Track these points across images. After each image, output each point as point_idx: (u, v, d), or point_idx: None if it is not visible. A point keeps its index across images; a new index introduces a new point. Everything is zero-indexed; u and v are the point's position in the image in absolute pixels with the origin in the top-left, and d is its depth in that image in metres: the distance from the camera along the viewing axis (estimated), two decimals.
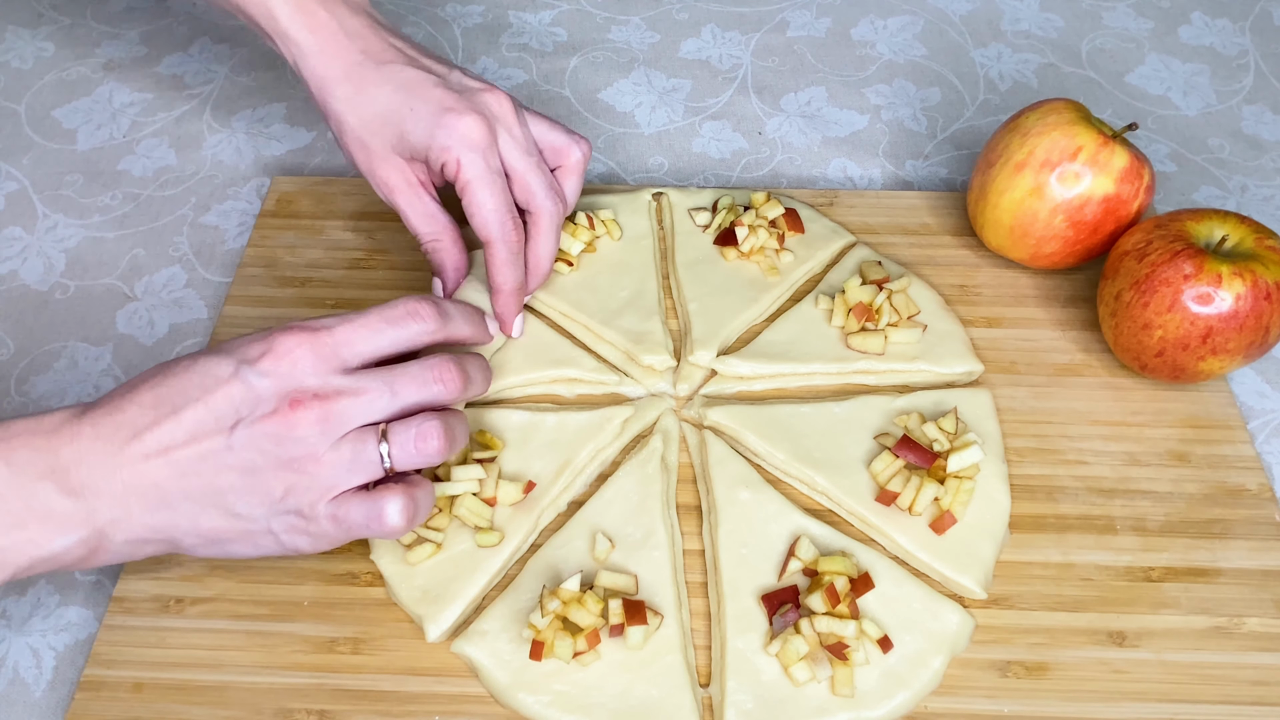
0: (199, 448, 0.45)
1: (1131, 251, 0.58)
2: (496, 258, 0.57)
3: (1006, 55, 0.82)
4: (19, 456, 0.44)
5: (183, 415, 0.45)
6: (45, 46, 0.82)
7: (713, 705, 0.50)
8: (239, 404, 0.45)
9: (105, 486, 0.44)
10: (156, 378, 0.46)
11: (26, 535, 0.44)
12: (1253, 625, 0.52)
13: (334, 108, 0.57)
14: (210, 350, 0.47)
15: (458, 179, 0.56)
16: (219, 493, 0.45)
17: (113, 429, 0.45)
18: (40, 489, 0.44)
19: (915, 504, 0.54)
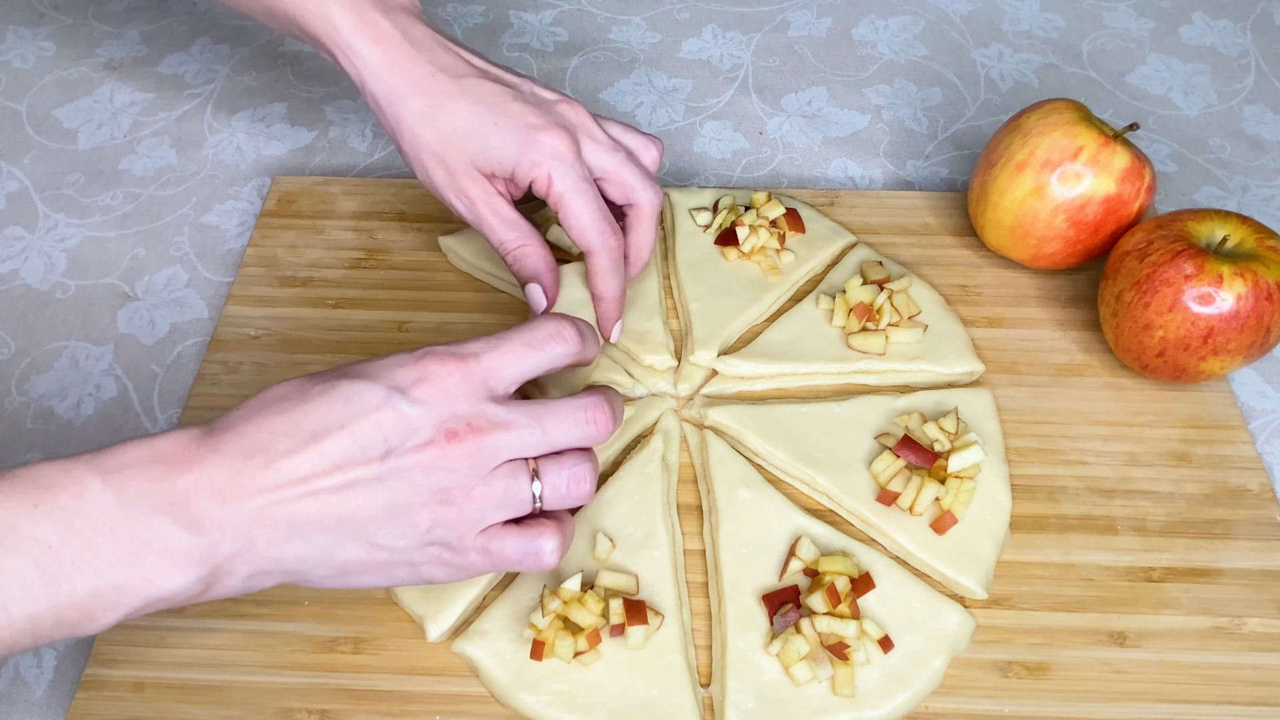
0: (343, 477, 0.42)
1: (1132, 252, 0.58)
2: (599, 266, 0.56)
3: (1007, 55, 0.82)
4: (133, 489, 0.40)
5: (325, 443, 0.42)
6: (46, 46, 0.82)
7: (713, 705, 0.50)
8: (389, 433, 0.42)
9: (229, 519, 0.41)
10: (289, 401, 0.43)
11: (141, 574, 0.40)
12: (1254, 625, 0.52)
13: (408, 123, 0.55)
14: (348, 374, 0.44)
15: (550, 193, 0.55)
16: (361, 524, 0.43)
17: (241, 456, 0.41)
18: (157, 524, 0.40)
19: (916, 504, 0.54)
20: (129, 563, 0.40)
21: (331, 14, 0.55)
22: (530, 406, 0.45)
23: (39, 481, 0.39)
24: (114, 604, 0.40)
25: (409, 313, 0.65)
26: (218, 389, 0.61)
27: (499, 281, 0.65)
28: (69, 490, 0.39)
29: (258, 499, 0.41)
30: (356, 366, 0.45)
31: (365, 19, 0.55)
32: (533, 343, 0.46)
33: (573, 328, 0.47)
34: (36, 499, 0.39)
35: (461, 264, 0.67)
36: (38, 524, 0.38)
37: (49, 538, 0.38)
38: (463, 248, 0.66)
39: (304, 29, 0.56)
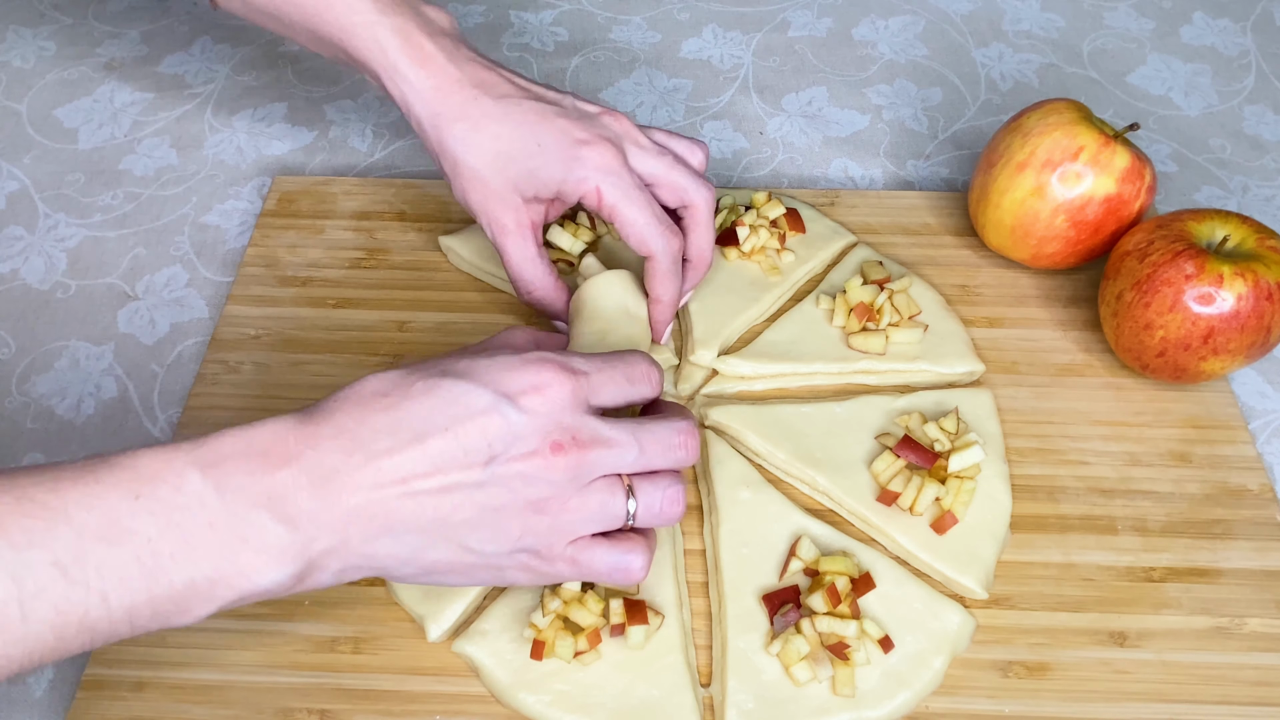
0: (443, 480, 0.42)
1: (1133, 251, 0.58)
2: (659, 270, 0.56)
3: (1008, 55, 0.82)
4: (232, 482, 0.40)
5: (428, 444, 0.42)
6: (46, 46, 0.82)
7: (714, 705, 0.50)
8: (494, 439, 0.42)
9: (326, 515, 0.41)
10: (390, 397, 0.43)
11: (237, 568, 0.40)
12: (1254, 626, 0.52)
13: (451, 146, 0.56)
14: (451, 372, 0.43)
15: (602, 206, 0.55)
16: (454, 527, 0.43)
17: (341, 453, 0.41)
18: (254, 518, 0.40)
19: (916, 504, 0.54)
20: (226, 556, 0.40)
21: (380, 38, 0.55)
22: (629, 425, 0.45)
23: (140, 472, 0.39)
24: (209, 597, 0.40)
25: (409, 312, 0.65)
26: (218, 389, 0.61)
27: (499, 281, 0.65)
28: (169, 483, 0.39)
29: (355, 496, 0.41)
30: (460, 364, 0.44)
31: (411, 43, 0.55)
32: (631, 378, 0.46)
33: (660, 373, 0.48)
34: (138, 490, 0.39)
35: (461, 264, 0.67)
36: (138, 517, 0.38)
37: (149, 530, 0.38)
38: (463, 247, 0.66)
39: (350, 53, 0.56)
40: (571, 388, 0.44)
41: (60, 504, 0.37)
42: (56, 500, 0.38)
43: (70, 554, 0.37)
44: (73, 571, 0.37)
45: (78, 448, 0.60)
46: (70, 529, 0.37)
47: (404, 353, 0.63)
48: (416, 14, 0.57)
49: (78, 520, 0.37)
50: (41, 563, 0.36)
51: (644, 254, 0.56)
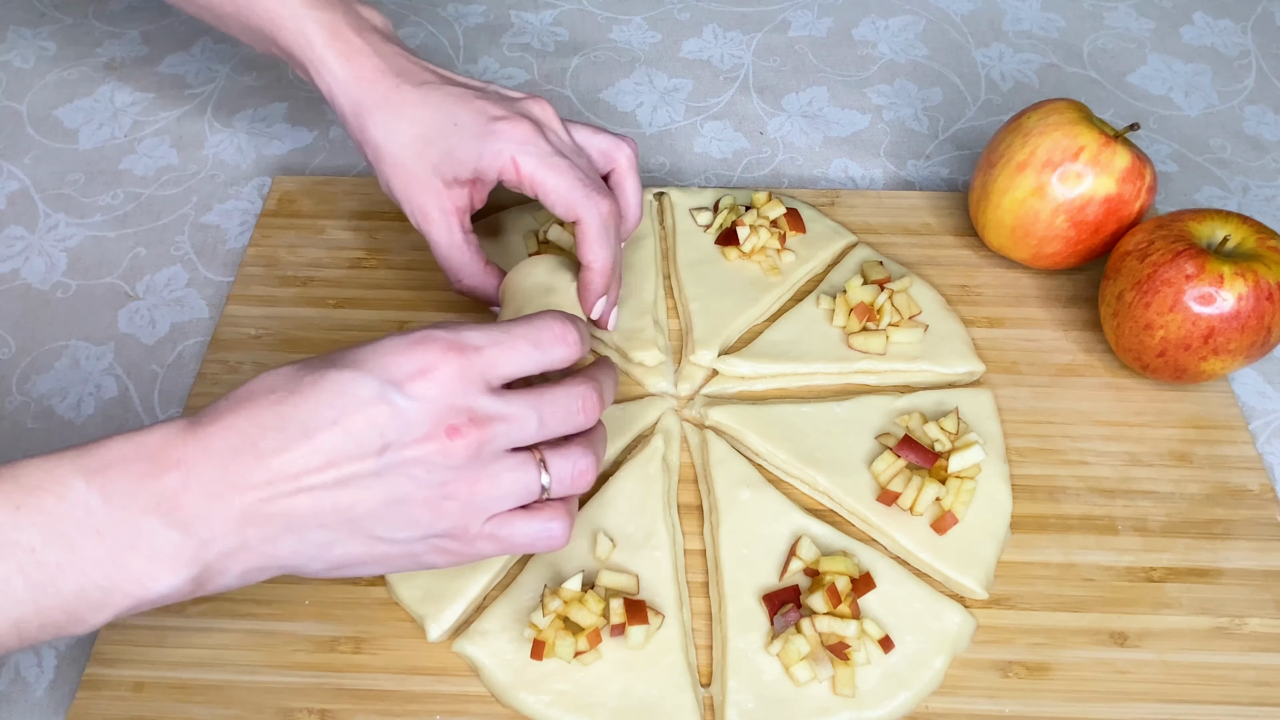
0: (337, 474, 0.41)
1: (1133, 252, 0.58)
2: (588, 235, 0.54)
3: (1008, 55, 0.82)
4: (119, 488, 0.39)
5: (317, 439, 0.40)
6: (47, 46, 0.82)
7: (714, 705, 0.50)
8: (385, 429, 0.41)
9: (220, 517, 0.40)
10: (277, 393, 0.41)
11: (130, 575, 0.39)
12: (1254, 626, 0.52)
13: (372, 134, 0.56)
14: (338, 362, 0.42)
15: (521, 179, 0.54)
16: (358, 520, 0.42)
17: (229, 453, 0.40)
18: (144, 524, 0.39)
19: (916, 504, 0.54)
20: (116, 564, 0.39)
21: (306, 30, 0.56)
22: (526, 397, 0.44)
23: (20, 482, 0.38)
24: (102, 605, 0.39)
25: (409, 312, 0.65)
26: (218, 388, 0.61)
27: None
28: (52, 491, 0.38)
29: (248, 496, 0.40)
30: (347, 354, 0.43)
31: (338, 35, 0.56)
32: (538, 342, 0.44)
33: (576, 331, 0.46)
34: (19, 501, 0.38)
35: None
36: (20, 528, 0.37)
37: (32, 541, 0.37)
38: None
39: (279, 44, 0.57)
40: (460, 366, 0.42)
41: None
42: None
43: None
44: None
45: None
46: None
47: None
48: (347, 9, 0.57)
49: None
50: None
51: (571, 219, 0.55)
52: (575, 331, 0.46)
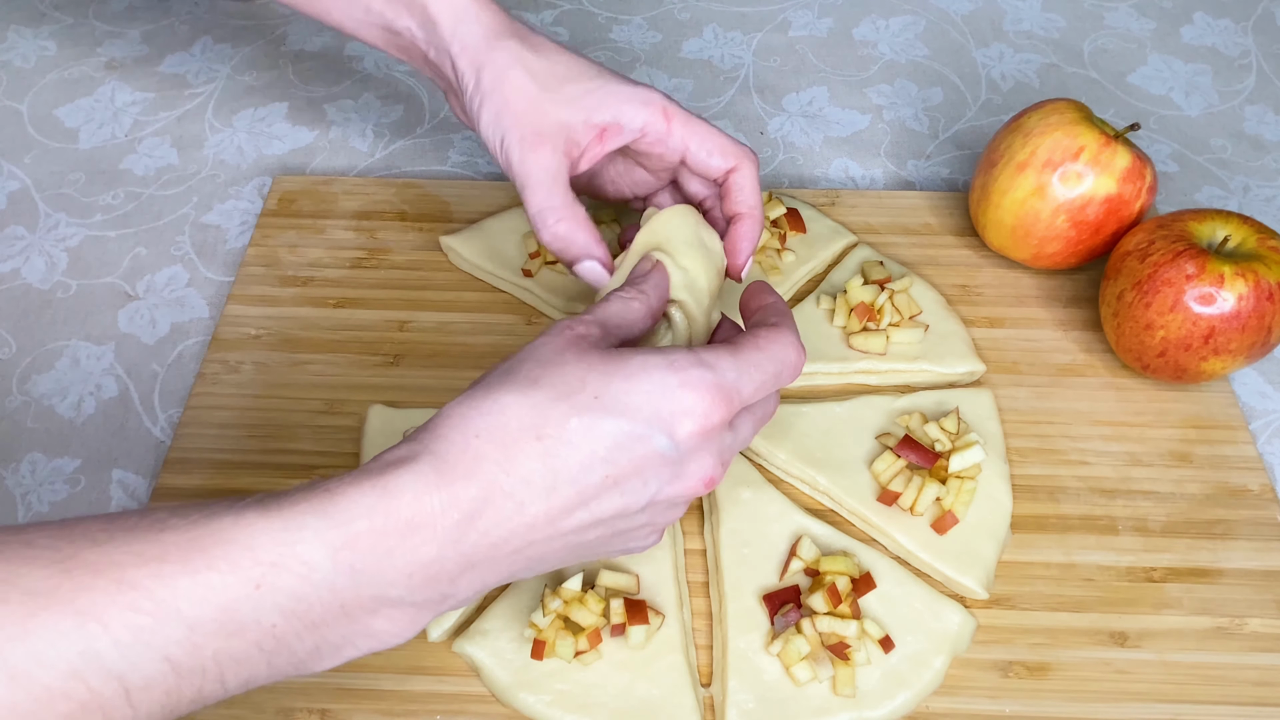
0: (602, 530, 0.41)
1: (1133, 252, 0.58)
2: (746, 180, 0.54)
3: (1008, 55, 0.82)
4: (368, 565, 0.36)
5: (593, 505, 0.40)
6: (47, 45, 0.82)
7: (714, 705, 0.50)
8: (652, 479, 0.41)
9: (468, 578, 0.39)
10: (543, 442, 0.39)
11: (367, 632, 0.38)
12: (1255, 626, 0.52)
13: (499, 58, 0.52)
14: (606, 404, 0.40)
15: (670, 126, 0.53)
16: (589, 545, 0.42)
17: (495, 522, 0.38)
18: (392, 595, 0.37)
19: (917, 504, 0.54)
20: (355, 628, 0.37)
21: None
22: (753, 421, 0.45)
23: (259, 557, 0.35)
24: (334, 656, 0.38)
25: (410, 312, 0.65)
26: (219, 388, 0.61)
27: (499, 281, 0.65)
28: (294, 571, 0.35)
29: (499, 547, 0.39)
30: (610, 388, 0.40)
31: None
32: (779, 377, 0.44)
33: (803, 359, 0.45)
34: (259, 579, 0.35)
35: (462, 264, 0.67)
36: (261, 609, 0.35)
37: (273, 619, 0.35)
38: (463, 247, 0.66)
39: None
40: (726, 410, 0.41)
41: (169, 595, 0.33)
42: (164, 591, 0.33)
43: (183, 649, 0.34)
44: (186, 664, 0.34)
45: (78, 447, 0.60)
46: (182, 624, 0.33)
47: (404, 353, 0.63)
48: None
49: (190, 614, 0.34)
50: (151, 659, 0.33)
51: (726, 167, 0.54)
52: (803, 362, 0.45)
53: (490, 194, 0.71)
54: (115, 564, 0.33)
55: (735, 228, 0.55)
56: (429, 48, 0.55)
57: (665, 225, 0.52)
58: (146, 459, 0.59)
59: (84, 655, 0.32)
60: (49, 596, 0.32)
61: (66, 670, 0.32)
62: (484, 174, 0.74)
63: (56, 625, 0.32)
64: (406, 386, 0.61)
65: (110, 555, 0.34)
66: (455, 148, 0.75)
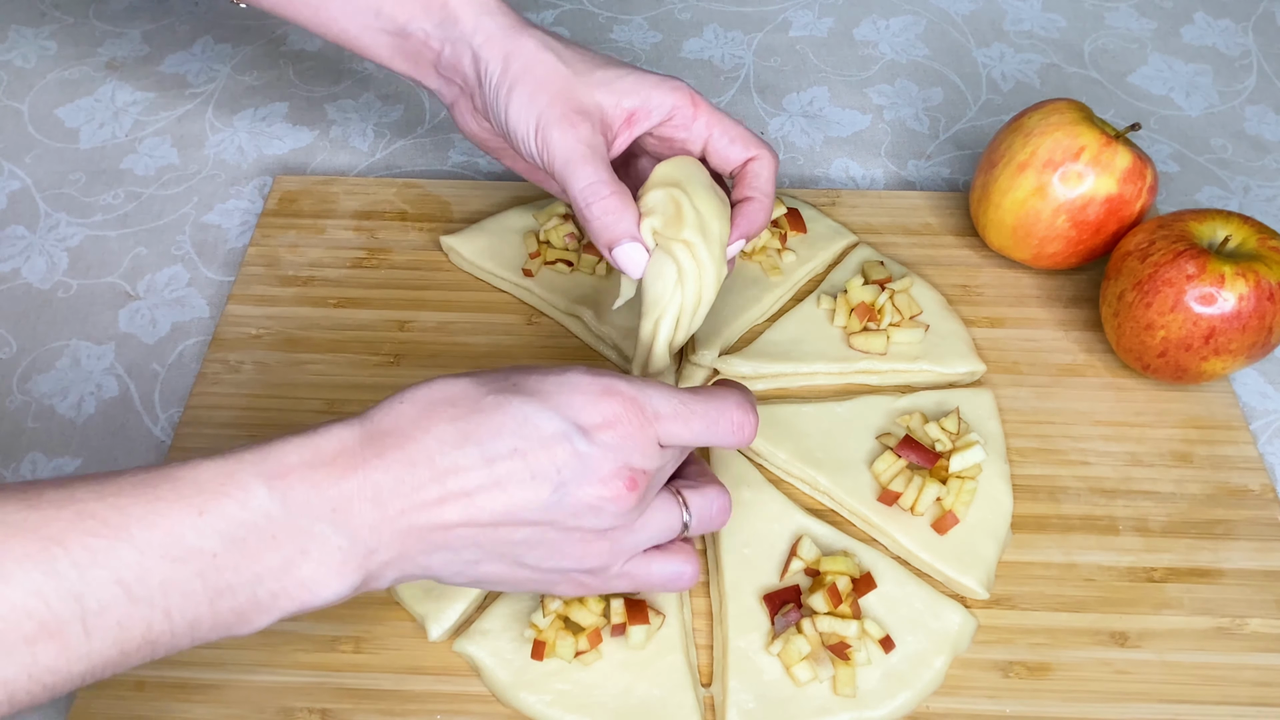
0: (509, 502, 0.41)
1: (1134, 252, 0.58)
2: (764, 168, 0.53)
3: (1009, 55, 0.82)
4: (297, 494, 0.39)
5: (496, 466, 0.41)
6: (48, 45, 0.82)
7: (714, 705, 0.50)
8: (563, 467, 0.41)
9: (388, 528, 0.40)
10: (458, 408, 0.41)
11: (299, 580, 0.39)
12: (1255, 626, 0.52)
13: (527, 44, 0.52)
14: (522, 388, 0.42)
15: (696, 112, 0.53)
16: (513, 545, 0.42)
17: (406, 464, 0.40)
18: (318, 530, 0.39)
19: (917, 504, 0.54)
20: (288, 570, 0.39)
21: None
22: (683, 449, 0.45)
23: (203, 486, 0.38)
24: (270, 608, 0.39)
25: (410, 312, 0.65)
26: (219, 388, 0.61)
27: (499, 281, 0.65)
28: (234, 497, 0.38)
29: (419, 511, 0.40)
30: (529, 380, 0.42)
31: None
32: (713, 425, 0.44)
33: (752, 426, 0.45)
34: (201, 506, 0.38)
35: (462, 264, 0.67)
36: (204, 534, 0.37)
37: (214, 546, 0.38)
38: (464, 247, 0.66)
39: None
40: (643, 431, 0.42)
41: (122, 521, 0.37)
42: (118, 517, 0.37)
43: (134, 572, 0.36)
44: (136, 589, 0.36)
45: (79, 447, 0.60)
46: (133, 547, 0.36)
47: (405, 353, 0.63)
48: None
49: (141, 538, 0.37)
50: (105, 581, 0.36)
51: (747, 156, 0.53)
52: (751, 426, 0.45)
53: (490, 194, 0.71)
54: (77, 499, 0.37)
55: (741, 206, 0.53)
56: (444, 45, 0.54)
57: (682, 165, 0.52)
58: (147, 459, 0.59)
59: (46, 574, 0.35)
60: (17, 526, 0.36)
61: (30, 588, 0.35)
62: (484, 174, 0.74)
63: (24, 548, 0.35)
64: (407, 386, 0.61)
65: (73, 493, 0.37)
66: (455, 148, 0.75)
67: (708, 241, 0.49)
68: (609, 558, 0.44)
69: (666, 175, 0.51)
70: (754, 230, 0.53)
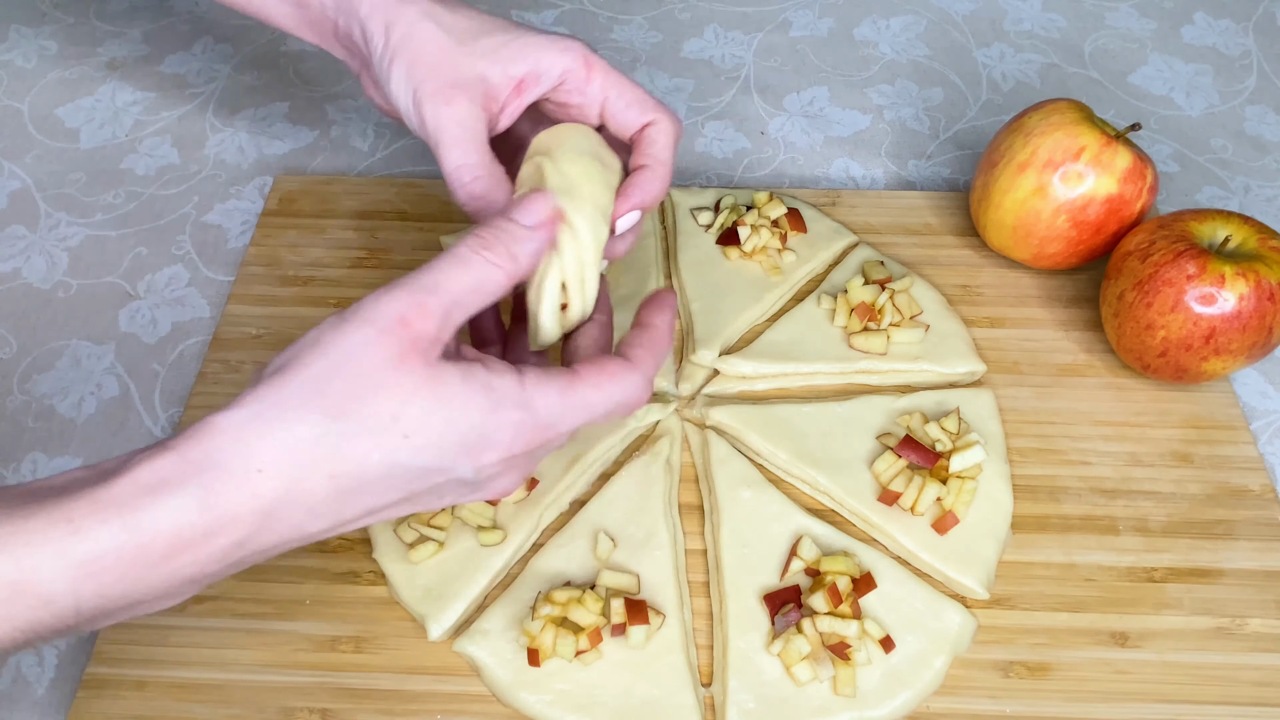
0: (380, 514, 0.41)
1: (1134, 252, 0.58)
2: (660, 135, 0.50)
3: (1009, 55, 0.82)
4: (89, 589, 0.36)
5: (382, 512, 0.40)
6: (48, 45, 0.82)
7: (715, 705, 0.50)
8: (456, 497, 0.42)
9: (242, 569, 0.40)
10: (335, 479, 0.38)
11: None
12: (1255, 626, 0.52)
13: (407, 15, 0.49)
14: (421, 451, 0.39)
15: (590, 75, 0.50)
16: (378, 515, 0.41)
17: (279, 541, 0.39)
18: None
19: (917, 504, 0.54)
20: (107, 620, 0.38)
21: None
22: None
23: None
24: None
25: None
26: (219, 388, 0.61)
27: None
28: (30, 602, 0.35)
29: (277, 550, 0.39)
30: (425, 428, 0.38)
31: None
32: (612, 415, 0.43)
33: (644, 399, 0.44)
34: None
35: None
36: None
37: (13, 636, 0.35)
38: None
39: None
40: (537, 444, 0.41)
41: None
42: None
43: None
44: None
45: (79, 447, 0.60)
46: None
47: None
48: None
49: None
50: None
51: (643, 121, 0.50)
52: (644, 401, 0.44)
53: None
54: None
55: (633, 175, 0.50)
56: (338, 15, 0.52)
57: (558, 133, 0.49)
58: None
59: None
60: None
61: None
62: None
63: None
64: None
65: None
66: None
67: (576, 203, 0.45)
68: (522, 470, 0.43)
69: (537, 145, 0.48)
70: (648, 200, 0.49)
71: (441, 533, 0.53)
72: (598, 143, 0.49)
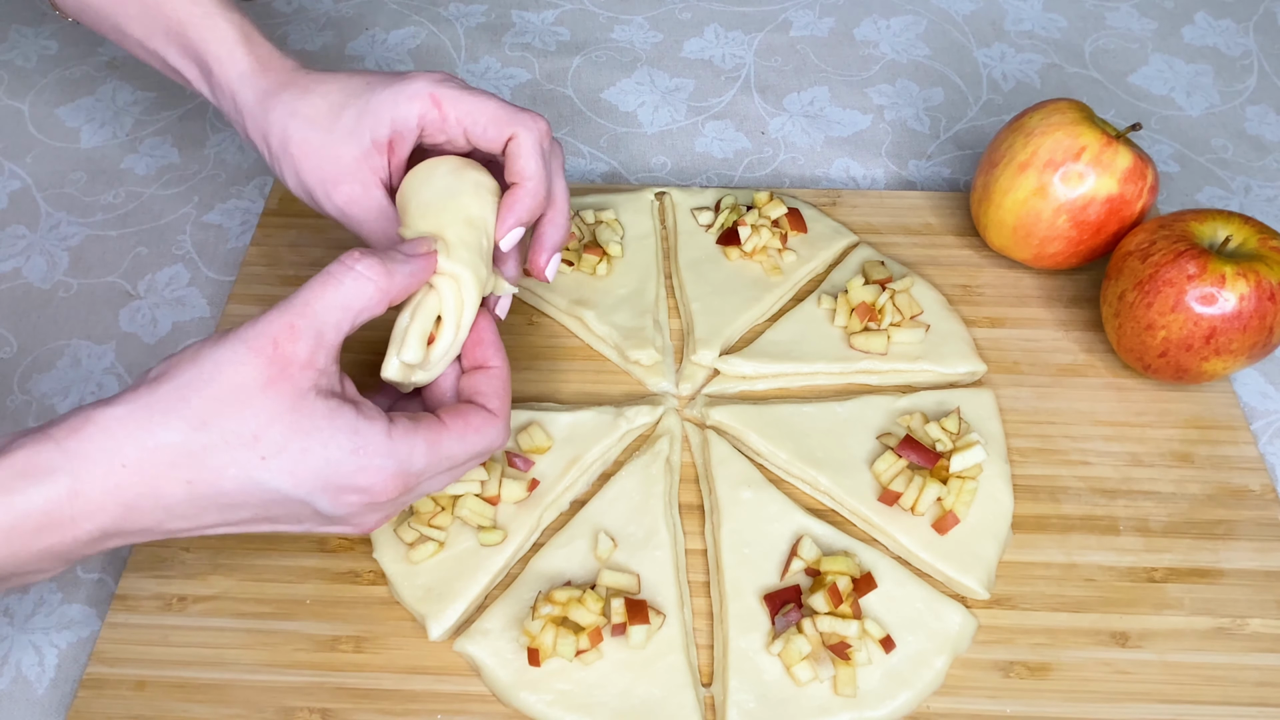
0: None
1: (1135, 252, 0.58)
2: (521, 147, 0.50)
3: (1010, 55, 0.82)
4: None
5: (240, 525, 0.43)
6: (48, 45, 0.82)
7: (715, 705, 0.50)
8: (317, 525, 0.45)
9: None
10: (191, 483, 0.41)
11: None
12: (1255, 626, 0.52)
13: (276, 116, 0.52)
14: (277, 476, 0.41)
15: (443, 112, 0.50)
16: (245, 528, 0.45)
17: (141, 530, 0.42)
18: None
19: (918, 504, 0.54)
20: None
21: (217, 26, 0.53)
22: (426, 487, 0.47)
23: None
24: None
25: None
26: None
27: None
28: None
29: (147, 536, 0.42)
30: (284, 457, 0.41)
31: (248, 36, 0.53)
32: (473, 462, 0.47)
33: (503, 441, 0.48)
34: None
35: None
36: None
37: None
38: None
39: (185, 40, 0.54)
40: (400, 492, 0.44)
41: None
42: None
43: None
44: None
45: None
46: None
47: None
48: (255, 22, 0.55)
49: None
50: None
51: (502, 138, 0.50)
52: (504, 445, 0.47)
53: None
54: None
55: (506, 196, 0.51)
56: (219, 101, 0.55)
57: (415, 174, 0.51)
58: None
59: None
60: None
61: None
62: None
63: None
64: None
65: None
66: None
67: (455, 252, 0.47)
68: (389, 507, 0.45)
69: (399, 198, 0.51)
70: (524, 217, 0.50)
71: (441, 533, 0.53)
72: (459, 164, 0.51)
